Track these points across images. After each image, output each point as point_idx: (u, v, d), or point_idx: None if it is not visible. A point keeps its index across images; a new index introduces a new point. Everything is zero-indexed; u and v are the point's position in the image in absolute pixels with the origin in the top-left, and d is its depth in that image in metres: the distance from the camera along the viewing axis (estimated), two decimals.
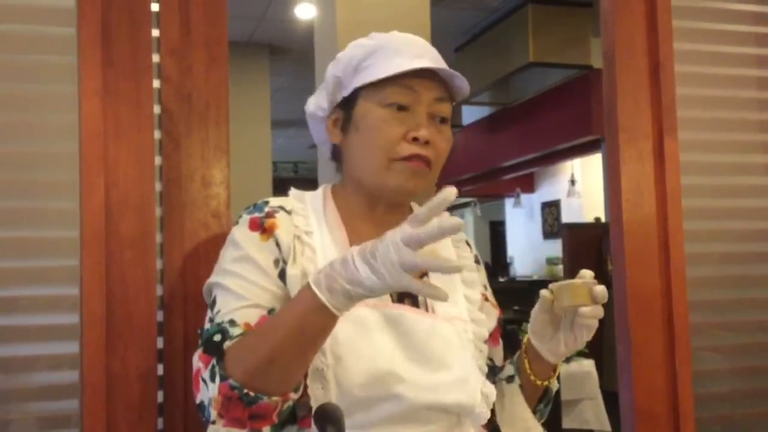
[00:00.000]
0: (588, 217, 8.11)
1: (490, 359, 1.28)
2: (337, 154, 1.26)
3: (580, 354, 4.36)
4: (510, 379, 1.28)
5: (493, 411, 1.23)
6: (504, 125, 7.72)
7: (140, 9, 1.39)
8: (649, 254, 1.63)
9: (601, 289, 1.13)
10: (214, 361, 1.03)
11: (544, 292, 1.17)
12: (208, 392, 1.02)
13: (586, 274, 1.15)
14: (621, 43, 1.65)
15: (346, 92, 1.20)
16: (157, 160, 1.40)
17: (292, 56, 6.42)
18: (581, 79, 6.10)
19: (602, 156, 6.55)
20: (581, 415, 4.28)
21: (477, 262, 1.33)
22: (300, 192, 1.24)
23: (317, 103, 1.26)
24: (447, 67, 1.17)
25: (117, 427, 1.32)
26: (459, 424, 1.17)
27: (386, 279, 0.91)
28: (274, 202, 1.19)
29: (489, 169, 8.55)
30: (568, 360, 4.27)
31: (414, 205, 1.31)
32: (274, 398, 1.01)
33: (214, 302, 1.12)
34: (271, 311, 1.09)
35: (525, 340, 1.27)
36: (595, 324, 1.16)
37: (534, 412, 1.28)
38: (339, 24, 3.09)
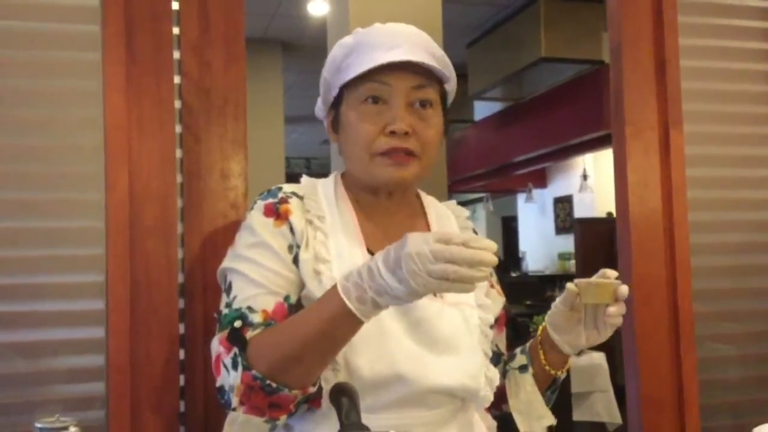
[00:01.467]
0: (600, 212, 8.11)
1: (495, 345, 1.31)
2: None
3: (591, 346, 4.38)
4: (523, 368, 1.30)
5: (496, 395, 1.26)
6: (516, 120, 7.74)
7: (161, 7, 1.44)
8: (655, 245, 1.66)
9: (625, 289, 1.16)
10: (236, 350, 1.07)
11: (570, 286, 1.19)
12: (230, 379, 1.07)
13: (611, 274, 1.18)
14: (628, 38, 1.69)
15: (334, 92, 1.24)
16: (178, 153, 1.45)
17: (305, 53, 6.47)
18: (593, 74, 6.11)
19: None
20: (592, 407, 4.30)
21: None
22: (312, 179, 1.28)
23: (319, 106, 1.31)
24: (426, 55, 1.17)
25: (141, 409, 1.37)
26: (464, 407, 1.22)
27: (414, 287, 0.95)
28: (288, 188, 1.23)
29: (501, 164, 8.56)
30: (578, 353, 4.29)
31: (422, 193, 1.35)
32: (294, 391, 1.06)
33: (230, 287, 1.15)
34: (287, 298, 1.14)
35: (540, 331, 1.29)
36: (620, 322, 1.18)
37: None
38: (351, 20, 3.14)
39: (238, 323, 1.10)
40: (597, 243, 6.82)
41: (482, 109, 8.44)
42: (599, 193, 8.33)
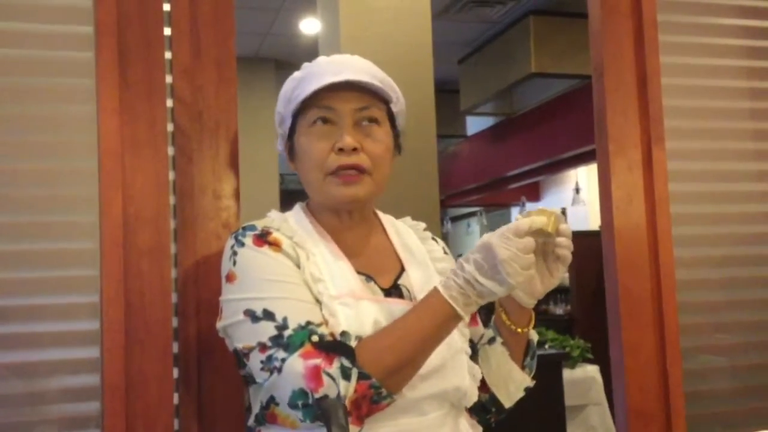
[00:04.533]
0: (593, 225, 8.14)
1: (470, 340, 1.34)
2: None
3: (585, 359, 4.41)
4: (491, 340, 1.34)
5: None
6: (508, 135, 7.80)
7: (154, 33, 1.48)
8: (640, 259, 1.69)
9: (567, 227, 1.20)
10: (343, 360, 1.09)
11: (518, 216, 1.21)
12: (338, 388, 1.08)
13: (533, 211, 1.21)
14: (609, 57, 1.73)
15: (288, 123, 1.30)
16: (171, 175, 1.47)
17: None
18: (583, 89, 6.16)
19: None
20: (587, 420, 4.32)
21: (445, 252, 1.42)
22: (280, 213, 1.32)
23: (278, 141, 1.37)
24: (368, 77, 1.23)
25: (135, 428, 1.39)
26: (452, 409, 1.25)
27: (513, 284, 1.10)
28: (260, 223, 1.25)
29: (494, 178, 8.61)
30: (573, 365, 4.31)
31: (379, 212, 1.39)
32: (392, 399, 1.11)
33: (267, 314, 1.14)
34: (320, 309, 1.17)
35: None
36: (569, 255, 1.20)
37: (522, 368, 1.34)
38: (343, 38, 3.19)
39: (315, 337, 1.12)
40: (590, 255, 6.82)
41: (474, 124, 8.50)
42: (592, 205, 8.36)
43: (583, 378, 4.26)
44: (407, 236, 1.38)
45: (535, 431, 3.48)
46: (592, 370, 4.33)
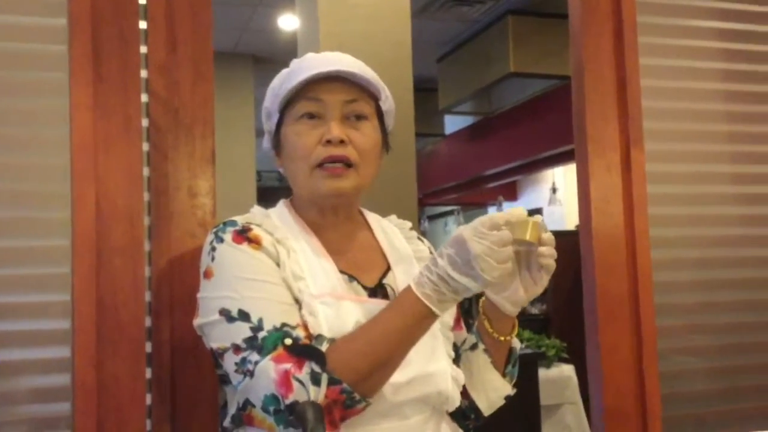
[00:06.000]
0: (570, 225, 8.20)
1: (454, 344, 1.33)
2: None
3: (561, 359, 4.43)
4: (473, 346, 1.33)
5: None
6: (486, 134, 7.81)
7: (129, 27, 1.45)
8: (617, 260, 1.70)
9: (549, 237, 1.16)
10: (313, 365, 1.06)
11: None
12: (308, 394, 1.05)
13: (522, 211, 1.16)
14: (589, 59, 1.73)
15: (275, 118, 1.28)
16: (146, 172, 1.45)
17: (276, 67, 6.38)
18: (561, 89, 6.18)
19: None
20: (562, 419, 4.34)
21: (431, 252, 1.40)
22: (263, 209, 1.30)
23: (265, 139, 1.34)
24: (358, 71, 1.21)
25: (107, 429, 1.36)
26: (433, 414, 1.23)
27: (489, 280, 1.06)
28: (241, 219, 1.23)
29: (472, 177, 8.64)
30: (548, 365, 4.33)
31: (365, 210, 1.38)
32: (366, 402, 1.08)
33: (242, 314, 1.12)
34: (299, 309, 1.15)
35: (481, 303, 1.30)
36: (553, 264, 1.17)
37: (504, 375, 1.33)
38: (321, 35, 3.16)
39: (288, 341, 1.09)
40: (566, 254, 6.86)
41: (452, 123, 8.51)
42: (568, 205, 8.42)
43: (558, 377, 4.28)
44: (393, 235, 1.36)
45: (511, 430, 3.49)
46: (568, 370, 4.35)
